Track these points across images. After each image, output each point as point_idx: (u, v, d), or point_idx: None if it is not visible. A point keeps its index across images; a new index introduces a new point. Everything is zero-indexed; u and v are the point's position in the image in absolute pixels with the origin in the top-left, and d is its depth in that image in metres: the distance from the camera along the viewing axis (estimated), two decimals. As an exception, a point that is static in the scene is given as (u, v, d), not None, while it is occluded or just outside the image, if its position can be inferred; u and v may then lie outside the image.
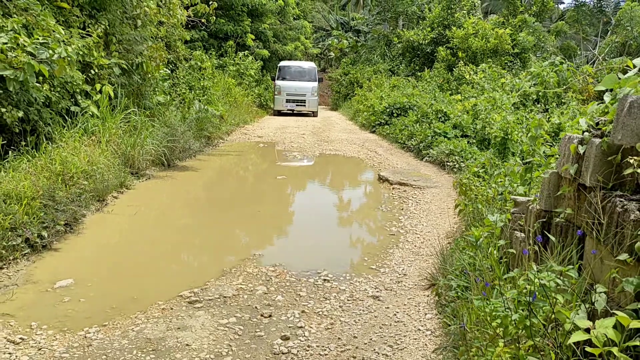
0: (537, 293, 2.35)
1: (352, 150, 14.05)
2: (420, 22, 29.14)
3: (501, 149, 9.68)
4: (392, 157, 12.93)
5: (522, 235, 3.91)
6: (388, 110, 17.62)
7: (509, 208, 4.76)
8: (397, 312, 4.56)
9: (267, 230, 7.21)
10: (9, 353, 3.78)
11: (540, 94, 15.16)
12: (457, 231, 6.22)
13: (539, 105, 14.58)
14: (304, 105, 25.26)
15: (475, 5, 26.92)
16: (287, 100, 25.04)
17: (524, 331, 2.36)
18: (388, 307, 4.67)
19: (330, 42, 41.46)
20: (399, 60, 28.89)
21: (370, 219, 7.71)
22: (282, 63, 26.80)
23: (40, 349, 3.86)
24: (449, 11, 25.59)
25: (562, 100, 14.81)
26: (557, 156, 3.75)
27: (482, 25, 23.13)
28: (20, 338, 4.00)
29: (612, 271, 2.57)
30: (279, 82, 25.30)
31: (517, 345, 2.31)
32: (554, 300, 2.33)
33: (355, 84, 28.89)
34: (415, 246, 6.36)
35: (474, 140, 11.88)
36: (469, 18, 24.59)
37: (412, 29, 28.91)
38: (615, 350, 1.94)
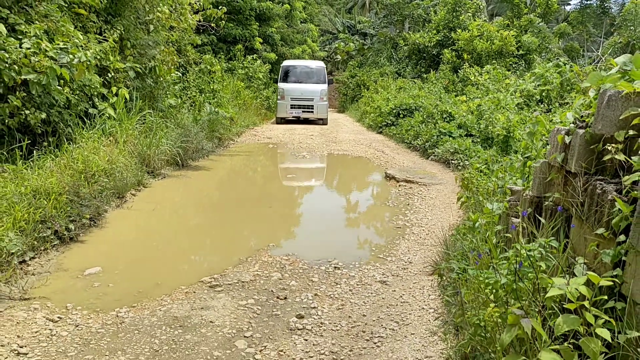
0: (522, 261, 2.69)
1: (360, 150, 14.40)
2: (426, 24, 29.51)
3: (504, 147, 10.01)
4: (399, 156, 13.28)
5: (518, 220, 4.25)
6: (394, 111, 17.97)
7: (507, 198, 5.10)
8: (403, 295, 4.91)
9: (279, 224, 7.57)
10: (50, 329, 4.17)
11: (543, 94, 15.48)
12: (460, 223, 6.56)
13: (542, 106, 14.88)
14: (312, 112, 21.60)
15: (480, 8, 27.26)
16: (292, 106, 21.42)
17: (511, 294, 2.70)
18: (394, 290, 5.02)
19: (336, 45, 41.86)
20: (405, 63, 29.24)
21: (378, 213, 8.06)
22: (286, 62, 23.42)
23: (77, 326, 4.24)
24: (454, 14, 25.94)
25: (565, 101, 15.12)
26: (548, 147, 4.08)
27: (487, 28, 23.46)
28: (58, 317, 4.38)
29: (592, 244, 2.92)
30: (282, 85, 21.86)
31: (506, 306, 2.65)
32: (538, 267, 2.67)
33: (362, 87, 29.24)
34: (420, 237, 6.71)
35: (478, 139, 12.20)
36: (474, 20, 24.93)
37: (418, 32, 29.26)
38: (586, 303, 2.29)
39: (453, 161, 11.16)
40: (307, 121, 21.93)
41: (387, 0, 32.21)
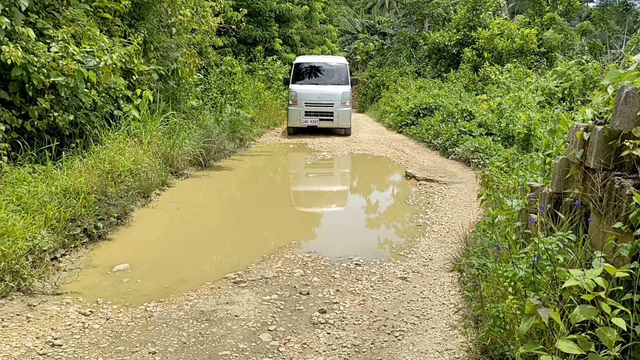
0: (540, 254, 2.76)
1: (380, 149, 14.46)
2: (446, 23, 29.41)
3: (524, 145, 10.00)
4: (419, 155, 13.31)
5: (537, 216, 4.30)
6: (414, 110, 17.98)
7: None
8: (424, 290, 4.98)
9: (300, 223, 7.69)
10: (82, 322, 4.33)
11: (565, 92, 15.37)
12: (480, 220, 6.60)
13: (564, 104, 14.79)
14: (331, 119, 16.91)
15: (500, 6, 27.09)
16: (307, 113, 16.84)
17: (530, 287, 2.77)
18: (415, 287, 5.10)
19: (356, 45, 41.90)
20: (425, 62, 29.17)
21: (398, 212, 8.12)
22: (300, 59, 19.00)
23: (108, 319, 4.40)
24: (474, 12, 25.82)
25: (587, 98, 14.99)
26: (567, 144, 4.13)
27: (507, 26, 23.32)
28: (89, 311, 4.55)
29: (610, 238, 2.97)
30: (294, 87, 17.31)
31: (524, 299, 2.72)
32: (556, 260, 2.74)
33: (382, 87, 29.24)
34: (440, 235, 6.77)
35: (499, 138, 12.18)
36: (495, 19, 24.79)
37: (437, 31, 29.19)
38: (602, 294, 2.35)
39: (473, 160, 11.17)
40: (325, 131, 17.37)
41: (407, -1, 32.17)
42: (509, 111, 12.79)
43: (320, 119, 16.67)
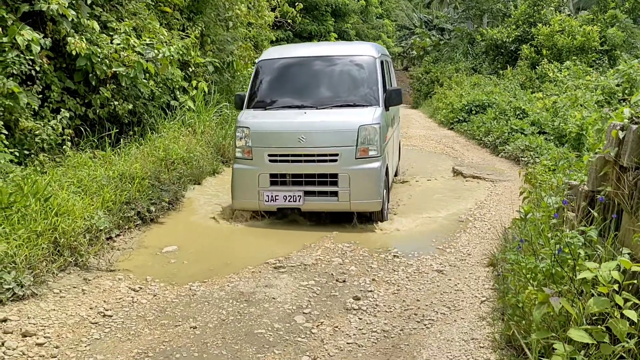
0: (562, 248, 2.83)
1: (429, 145, 14.43)
2: (505, 19, 28.81)
3: (575, 145, 9.80)
4: (468, 152, 13.22)
5: (573, 214, 4.32)
6: (467, 107, 17.80)
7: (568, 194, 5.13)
8: (458, 283, 5.06)
9: (343, 214, 7.82)
10: (131, 297, 4.66)
11: (626, 92, 14.88)
12: (518, 217, 6.58)
13: (624, 104, 14.32)
14: (334, 194, 6.75)
15: (563, 2, 26.33)
16: (274, 178, 6.85)
17: (550, 279, 2.84)
18: (450, 279, 5.18)
19: (413, 40, 41.59)
20: (481, 59, 28.70)
21: (442, 206, 8.14)
22: (270, 53, 8.26)
23: (155, 295, 4.71)
24: (535, 8, 25.19)
25: (649, 98, 14.46)
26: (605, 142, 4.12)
27: (569, 22, 22.66)
28: (138, 287, 4.88)
29: (636, 235, 3.00)
30: (248, 118, 7.20)
31: (543, 289, 2.80)
32: (577, 254, 2.80)
33: (436, 83, 28.97)
34: (481, 232, 6.79)
35: (552, 137, 11.96)
36: (556, 15, 24.13)
37: (496, 27, 28.63)
38: (616, 286, 2.42)
39: (523, 158, 11.03)
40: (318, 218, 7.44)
41: (466, -6, 31.72)
42: (563, 110, 12.52)
43: (307, 193, 6.80)
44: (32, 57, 7.02)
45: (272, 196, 6.72)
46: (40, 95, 7.37)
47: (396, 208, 7.93)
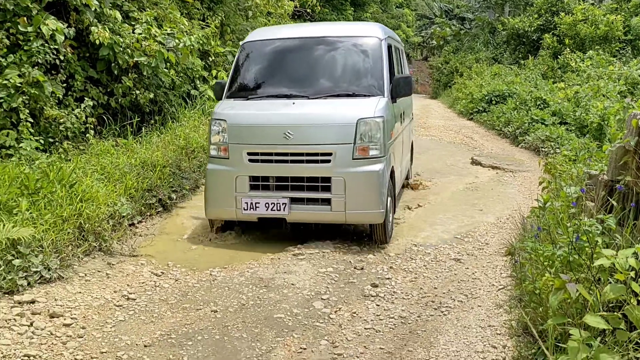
0: (579, 235, 2.85)
1: (449, 136, 14.38)
2: (527, 8, 28.42)
3: (597, 135, 9.71)
4: (487, 142, 13.16)
5: (592, 204, 4.31)
6: (487, 97, 17.67)
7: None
8: (475, 272, 5.09)
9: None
10: (154, 281, 4.77)
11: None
12: (536, 207, 6.56)
13: (648, 94, 14.11)
14: (327, 201, 5.60)
15: (587, -10, 25.88)
16: (255, 182, 5.71)
17: (567, 266, 2.87)
18: (467, 268, 5.21)
19: (432, 30, 41.24)
20: (502, 48, 28.39)
21: (460, 196, 8.14)
22: (257, 34, 7.14)
23: (176, 280, 4.82)
24: (558, -4, 24.83)
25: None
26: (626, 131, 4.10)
27: (592, 12, 22.30)
28: (161, 272, 5.00)
29: (654, 224, 3.01)
30: (225, 109, 6.06)
31: (560, 276, 2.82)
32: (595, 242, 2.82)
33: (456, 73, 28.74)
34: (500, 221, 6.78)
35: (573, 127, 11.84)
36: (580, 4, 23.75)
37: (518, 16, 28.26)
38: (633, 274, 2.44)
39: (543, 149, 10.95)
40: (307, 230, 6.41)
41: (487, -17, 31.37)
42: (585, 100, 12.38)
43: (294, 200, 5.69)
44: (56, 47, 7.16)
45: (251, 203, 5.61)
46: (64, 84, 7.51)
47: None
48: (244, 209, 5.63)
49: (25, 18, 6.92)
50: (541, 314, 3.18)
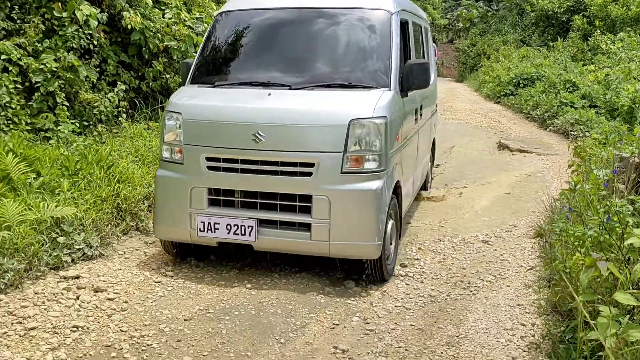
0: (610, 215, 2.90)
1: (475, 119, 14.31)
2: (557, -12, 27.88)
3: (628, 118, 9.60)
4: (515, 126, 13.08)
5: (623, 186, 4.33)
6: (514, 80, 17.48)
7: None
8: (504, 253, 5.16)
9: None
10: (189, 260, 4.92)
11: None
12: (567, 189, 6.56)
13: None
14: (305, 227, 4.27)
15: (619, -30, 25.27)
16: (214, 198, 4.45)
17: (597, 246, 2.92)
18: (496, 250, 5.28)
19: (459, 12, 40.68)
20: (531, 30, 27.93)
21: (488, 179, 8.16)
22: (233, 4, 5.47)
23: (211, 260, 4.97)
24: (588, -23, 24.31)
25: None
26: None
27: (624, -8, 21.80)
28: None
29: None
30: (183, 98, 4.80)
31: (591, 254, 2.89)
32: (626, 222, 2.87)
33: (483, 55, 28.38)
34: (528, 204, 6.80)
35: (603, 111, 11.70)
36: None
37: (547, -3, 27.73)
38: (664, 253, 2.49)
39: (572, 132, 10.85)
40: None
41: (515, -37, 30.76)
42: (616, 83, 12.20)
43: (264, 222, 4.36)
44: (90, 32, 7.34)
45: (209, 224, 4.36)
46: (98, 69, 7.70)
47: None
48: (200, 230, 4.37)
49: (59, 3, 7.11)
50: (570, 293, 3.24)
